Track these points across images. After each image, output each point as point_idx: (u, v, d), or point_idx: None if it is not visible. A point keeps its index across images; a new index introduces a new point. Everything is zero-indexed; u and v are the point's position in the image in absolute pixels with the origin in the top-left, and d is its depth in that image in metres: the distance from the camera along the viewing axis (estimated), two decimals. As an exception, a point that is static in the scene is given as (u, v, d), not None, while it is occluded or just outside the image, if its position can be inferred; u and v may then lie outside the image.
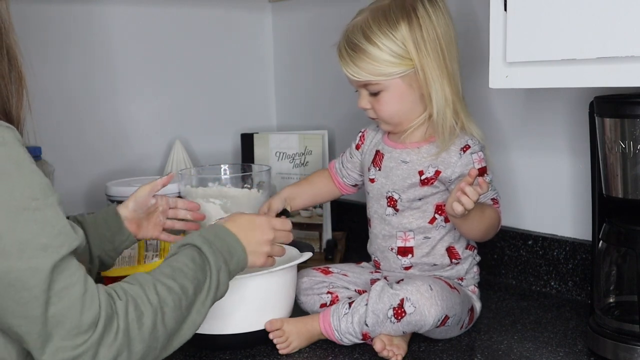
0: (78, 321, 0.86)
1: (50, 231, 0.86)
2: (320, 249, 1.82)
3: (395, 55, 1.26)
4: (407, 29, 1.25)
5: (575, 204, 1.47)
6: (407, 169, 1.33)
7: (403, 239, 1.35)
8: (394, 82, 1.28)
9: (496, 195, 1.34)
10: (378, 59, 1.26)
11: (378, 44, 1.26)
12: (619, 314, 1.20)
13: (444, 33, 1.27)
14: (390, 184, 1.35)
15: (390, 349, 1.20)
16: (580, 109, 1.35)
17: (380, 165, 1.37)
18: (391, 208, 1.35)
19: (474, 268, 1.38)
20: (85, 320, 0.86)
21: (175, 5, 1.99)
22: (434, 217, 1.33)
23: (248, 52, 2.16)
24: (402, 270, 1.37)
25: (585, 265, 1.44)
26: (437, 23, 1.27)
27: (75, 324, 0.85)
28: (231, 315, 1.24)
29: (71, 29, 1.83)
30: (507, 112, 1.57)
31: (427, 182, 1.31)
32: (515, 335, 1.30)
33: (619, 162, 1.13)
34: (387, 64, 1.26)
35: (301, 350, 1.27)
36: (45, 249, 0.84)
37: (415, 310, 1.19)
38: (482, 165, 1.31)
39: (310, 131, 1.90)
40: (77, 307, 0.86)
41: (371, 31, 1.26)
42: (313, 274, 1.40)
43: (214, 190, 1.54)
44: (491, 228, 1.31)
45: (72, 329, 0.85)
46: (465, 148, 1.30)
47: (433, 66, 1.26)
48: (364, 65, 1.27)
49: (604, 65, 1.00)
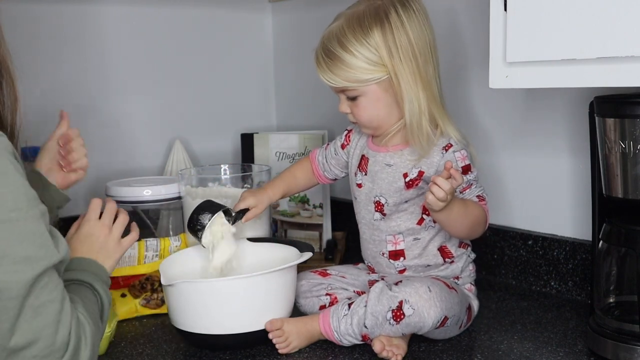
0: (52, 340, 0.85)
1: (29, 244, 0.84)
2: (320, 249, 1.82)
3: (369, 62, 1.26)
4: (380, 36, 1.25)
5: (575, 204, 1.47)
6: (391, 172, 1.33)
7: (393, 242, 1.35)
8: (370, 88, 1.28)
9: (482, 192, 1.32)
10: (353, 65, 1.26)
11: (352, 51, 1.26)
12: (619, 314, 1.20)
13: (418, 38, 1.26)
14: (377, 188, 1.35)
15: (389, 349, 1.20)
16: (580, 109, 1.35)
17: (367, 170, 1.37)
18: (379, 213, 1.35)
19: (469, 266, 1.38)
20: (59, 339, 0.85)
21: (176, 5, 1.99)
22: (422, 218, 1.33)
23: (248, 52, 2.16)
24: (397, 273, 1.37)
25: (585, 265, 1.44)
26: (411, 28, 1.26)
27: (49, 342, 0.85)
28: (231, 315, 1.24)
29: (71, 29, 1.83)
30: (507, 112, 1.57)
31: (412, 184, 1.31)
32: (515, 335, 1.30)
33: (619, 162, 1.13)
34: (362, 71, 1.26)
35: (301, 350, 1.27)
36: (26, 261, 0.83)
37: (414, 312, 1.19)
38: (465, 163, 1.30)
39: (310, 131, 1.90)
40: (53, 327, 0.85)
41: (346, 38, 1.26)
42: (311, 276, 1.40)
43: (214, 190, 1.54)
44: (476, 225, 1.29)
45: (45, 348, 0.84)
46: (447, 147, 1.29)
47: (406, 72, 1.25)
48: (339, 72, 1.27)
49: (604, 65, 1.00)
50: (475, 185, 1.32)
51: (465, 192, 1.31)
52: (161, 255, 1.50)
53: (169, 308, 1.29)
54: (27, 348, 0.83)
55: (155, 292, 1.47)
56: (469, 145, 1.32)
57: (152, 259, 1.50)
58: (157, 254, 1.51)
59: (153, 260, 1.49)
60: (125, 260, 1.48)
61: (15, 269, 0.82)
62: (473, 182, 1.31)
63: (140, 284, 1.48)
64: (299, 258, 1.33)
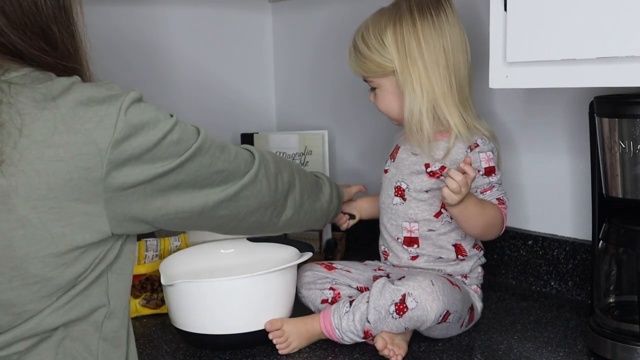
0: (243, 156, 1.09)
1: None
2: (320, 249, 1.82)
3: (380, 57, 1.34)
4: (392, 35, 1.33)
5: (575, 204, 1.47)
6: (415, 160, 1.38)
7: (408, 229, 1.38)
8: (383, 81, 1.37)
9: (503, 196, 1.35)
10: (367, 57, 1.36)
11: (369, 44, 1.35)
12: (619, 314, 1.20)
13: (431, 43, 1.31)
14: (399, 174, 1.39)
15: (391, 348, 1.20)
16: (580, 109, 1.35)
17: (395, 157, 1.42)
18: (399, 197, 1.39)
19: (478, 268, 1.39)
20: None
21: (175, 5, 1.99)
22: (440, 212, 1.36)
23: (248, 52, 2.16)
24: (409, 260, 1.38)
25: (585, 265, 1.44)
26: (423, 32, 1.31)
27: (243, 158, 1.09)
28: (231, 315, 1.25)
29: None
30: (507, 112, 1.57)
31: (434, 175, 1.35)
32: (515, 335, 1.30)
33: (619, 162, 1.13)
34: (374, 63, 1.35)
35: (301, 350, 1.27)
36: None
37: (417, 306, 1.19)
38: (490, 164, 1.33)
39: (310, 131, 1.90)
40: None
41: (367, 32, 1.36)
42: (316, 268, 1.40)
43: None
44: (491, 226, 1.32)
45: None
46: (474, 146, 1.33)
47: (410, 73, 1.32)
48: (357, 61, 1.39)
49: (604, 65, 1.00)
50: (497, 188, 1.35)
51: (486, 193, 1.33)
52: (161, 255, 1.50)
53: (169, 308, 1.29)
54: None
55: (155, 292, 1.47)
56: (496, 148, 1.36)
57: (152, 259, 1.50)
58: (157, 254, 1.51)
59: (153, 260, 1.49)
60: (125, 260, 1.48)
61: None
62: (495, 184, 1.35)
63: (140, 284, 1.48)
64: (299, 258, 1.33)
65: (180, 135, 0.97)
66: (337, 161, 1.99)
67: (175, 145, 0.95)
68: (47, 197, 0.86)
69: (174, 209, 0.98)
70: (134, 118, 0.91)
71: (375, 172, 1.51)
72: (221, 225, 1.10)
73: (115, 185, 0.90)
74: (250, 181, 1.09)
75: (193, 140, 0.99)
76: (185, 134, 0.98)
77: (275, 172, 1.15)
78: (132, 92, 0.94)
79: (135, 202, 0.93)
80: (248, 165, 1.09)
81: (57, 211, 0.87)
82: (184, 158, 0.96)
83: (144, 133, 0.91)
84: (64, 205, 0.87)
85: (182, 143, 0.97)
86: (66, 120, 0.87)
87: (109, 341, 0.96)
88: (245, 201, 1.08)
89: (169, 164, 0.94)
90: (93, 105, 0.89)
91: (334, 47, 1.95)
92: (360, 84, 1.47)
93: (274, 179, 1.15)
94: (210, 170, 1.01)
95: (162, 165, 0.94)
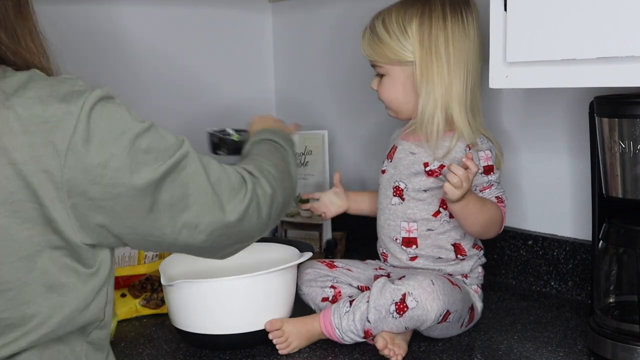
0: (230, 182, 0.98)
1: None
2: (320, 249, 1.82)
3: (399, 45, 1.33)
4: (417, 26, 1.32)
5: (575, 204, 1.47)
6: (413, 159, 1.37)
7: (407, 229, 1.37)
8: (394, 69, 1.35)
9: (502, 195, 1.35)
10: (385, 42, 1.34)
11: (389, 30, 1.34)
12: (619, 314, 1.20)
13: (457, 42, 1.31)
14: (398, 174, 1.39)
15: (391, 348, 1.20)
16: (580, 109, 1.35)
17: (392, 157, 1.41)
18: (397, 197, 1.38)
19: (478, 268, 1.39)
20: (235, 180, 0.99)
21: (175, 5, 1.99)
22: (439, 211, 1.35)
23: (248, 52, 2.16)
24: (408, 261, 1.38)
25: (585, 265, 1.44)
26: (452, 30, 1.31)
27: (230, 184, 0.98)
28: (231, 315, 1.25)
29: (70, 29, 1.83)
30: (507, 112, 1.57)
31: (432, 174, 1.34)
32: (515, 335, 1.30)
33: (619, 162, 1.13)
34: (391, 49, 1.33)
35: (301, 350, 1.27)
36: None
37: (417, 305, 1.19)
38: (488, 163, 1.34)
39: (310, 131, 1.89)
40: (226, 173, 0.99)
41: (389, 19, 1.34)
42: (318, 266, 1.40)
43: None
44: (491, 223, 1.32)
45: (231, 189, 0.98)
46: (472, 145, 1.33)
47: (431, 68, 1.31)
48: (372, 44, 1.36)
49: (604, 65, 1.00)
50: (496, 186, 1.35)
51: (485, 191, 1.34)
52: (161, 255, 1.50)
53: (169, 308, 1.29)
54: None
55: (155, 292, 1.47)
56: (497, 148, 1.37)
57: (152, 259, 1.50)
58: (157, 254, 1.51)
59: (153, 260, 1.49)
60: (125, 260, 1.48)
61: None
62: (494, 183, 1.35)
63: (140, 284, 1.48)
64: (299, 258, 1.33)
65: (150, 144, 0.87)
66: (337, 161, 1.99)
67: (143, 155, 0.86)
68: (7, 201, 0.81)
69: (143, 231, 0.90)
70: (98, 119, 0.83)
71: (375, 172, 1.51)
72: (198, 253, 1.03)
73: (78, 190, 0.83)
74: (238, 219, 0.97)
75: (169, 153, 0.88)
76: (159, 143, 0.88)
77: (270, 202, 1.04)
78: (98, 90, 0.85)
79: (103, 212, 0.85)
80: (235, 193, 0.98)
81: (21, 214, 0.81)
82: (157, 174, 0.86)
83: (107, 137, 0.83)
84: (28, 208, 0.81)
85: (152, 153, 0.86)
86: (22, 120, 0.80)
87: (93, 344, 0.94)
88: (226, 238, 0.98)
89: (138, 177, 0.85)
90: (52, 102, 0.82)
91: (334, 47, 1.95)
92: (360, 84, 1.47)
93: (268, 210, 1.04)
94: (183, 195, 0.90)
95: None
